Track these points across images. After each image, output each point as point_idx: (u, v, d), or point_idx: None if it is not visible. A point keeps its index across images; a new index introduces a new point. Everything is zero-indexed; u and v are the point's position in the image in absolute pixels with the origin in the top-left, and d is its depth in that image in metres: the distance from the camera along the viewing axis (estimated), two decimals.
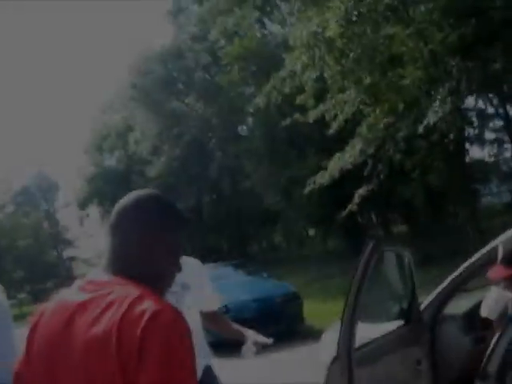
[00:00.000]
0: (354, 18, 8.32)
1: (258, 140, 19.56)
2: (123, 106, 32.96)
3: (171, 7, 25.79)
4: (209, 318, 2.88)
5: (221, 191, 29.43)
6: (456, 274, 2.75)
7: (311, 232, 29.46)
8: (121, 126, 34.92)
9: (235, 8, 14.21)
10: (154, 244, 1.45)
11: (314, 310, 10.80)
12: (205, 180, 27.88)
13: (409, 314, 2.81)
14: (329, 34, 8.53)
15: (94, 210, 43.27)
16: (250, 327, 8.41)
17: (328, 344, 3.93)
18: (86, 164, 39.40)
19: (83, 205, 39.48)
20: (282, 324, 9.18)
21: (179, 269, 1.53)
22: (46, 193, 69.05)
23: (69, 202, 53.59)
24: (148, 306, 1.24)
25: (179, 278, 2.30)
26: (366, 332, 3.18)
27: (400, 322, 2.83)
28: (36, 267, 41.63)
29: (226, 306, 9.17)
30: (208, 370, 2.61)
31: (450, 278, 2.82)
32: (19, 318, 28.83)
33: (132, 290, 1.30)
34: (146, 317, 1.21)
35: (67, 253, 73.42)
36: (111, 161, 39.08)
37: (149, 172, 28.60)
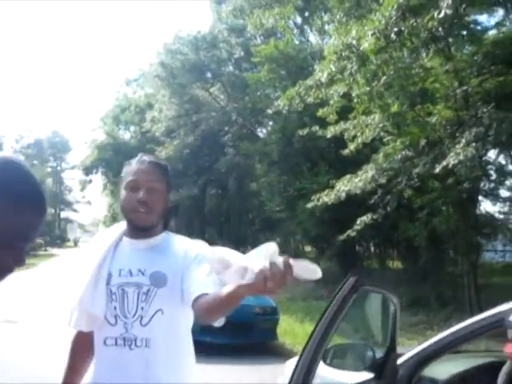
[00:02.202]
0: (393, 36, 7.96)
1: (273, 144, 19.26)
2: (148, 83, 32.82)
3: None
4: (201, 305, 1.81)
5: (226, 188, 29.19)
6: (447, 333, 2.39)
7: (307, 248, 29.13)
8: (142, 101, 34.81)
9: (274, 4, 13.88)
10: None
11: (290, 328, 10.49)
12: (212, 173, 27.65)
13: (382, 366, 2.45)
14: (363, 46, 8.18)
15: (97, 178, 43.15)
16: (220, 333, 8.02)
17: (289, 373, 3.56)
18: (100, 132, 39.32)
19: (88, 171, 39.32)
20: (254, 336, 8.87)
21: (16, 263, 1.14)
22: (57, 151, 69.48)
23: (76, 165, 53.67)
24: None
25: (150, 264, 1.93)
26: (329, 375, 2.83)
27: (369, 375, 2.45)
28: None
29: None
30: None
31: (439, 336, 2.46)
32: None
33: None
34: None
35: (64, 214, 73.89)
36: (125, 134, 38.99)
37: (159, 153, 28.37)
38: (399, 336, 2.69)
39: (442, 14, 7.03)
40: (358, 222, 12.15)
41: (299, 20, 19.69)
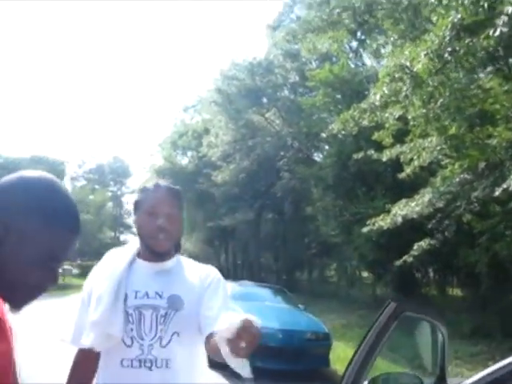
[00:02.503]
0: (448, 57, 7.77)
1: (328, 168, 19.14)
2: (205, 109, 33.45)
3: (272, 22, 25.97)
4: (209, 347, 1.89)
5: (282, 212, 29.19)
6: (507, 361, 2.23)
7: (364, 274, 28.64)
8: (199, 127, 35.47)
9: (328, 28, 13.90)
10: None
11: (344, 355, 10.24)
12: (268, 197, 27.72)
13: None
14: (416, 67, 8.02)
15: None
16: (271, 358, 7.87)
17: None
18: (158, 157, 40.24)
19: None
20: (306, 362, 8.69)
21: (50, 280, 1.17)
22: (118, 176, 71.46)
23: (135, 189, 54.96)
24: None
25: (167, 287, 1.96)
26: None
27: None
28: (91, 243, 42.65)
29: None
30: None
31: (499, 365, 2.30)
32: (60, 287, 29.39)
33: None
34: None
35: (124, 237, 75.63)
36: (182, 159, 39.73)
37: (216, 177, 28.73)
38: (458, 366, 2.55)
39: (497, 33, 6.83)
40: (415, 248, 11.83)
41: (355, 43, 19.69)
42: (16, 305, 1.18)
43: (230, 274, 38.29)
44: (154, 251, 2.02)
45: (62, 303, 19.43)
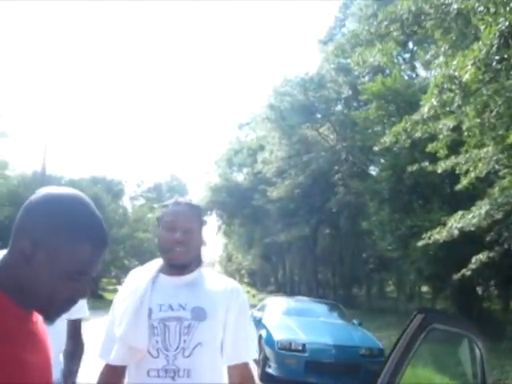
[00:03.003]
0: (497, 65, 7.54)
1: (383, 182, 18.87)
2: (260, 126, 33.68)
3: (323, 36, 25.98)
4: (230, 370, 2.14)
5: (338, 227, 28.93)
6: None
7: (424, 288, 27.95)
8: (254, 144, 35.72)
9: (376, 41, 13.75)
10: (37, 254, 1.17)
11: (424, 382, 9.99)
12: (324, 212, 27.55)
13: None
14: (465, 77, 7.83)
15: (212, 219, 44.52)
16: (326, 374, 7.77)
17: None
18: (214, 174, 40.70)
19: (203, 212, 40.68)
20: (360, 378, 8.54)
21: (80, 293, 1.22)
22: (175, 194, 72.58)
23: None
24: None
25: (190, 299, 2.04)
26: None
27: None
28: (149, 261, 43.34)
29: (304, 344, 8.76)
30: None
31: None
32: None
33: None
34: None
35: None
36: (238, 176, 40.03)
37: (271, 193, 28.82)
38: None
39: None
40: (473, 261, 11.49)
41: (407, 54, 19.43)
42: (49, 317, 1.24)
43: (287, 289, 38.12)
44: (172, 264, 2.10)
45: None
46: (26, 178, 29.58)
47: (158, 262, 2.21)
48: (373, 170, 24.76)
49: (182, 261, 2.08)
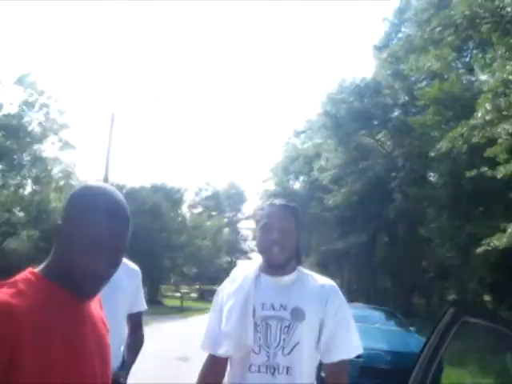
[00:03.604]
0: None
1: (442, 188, 18.54)
2: (315, 133, 33.64)
3: (378, 42, 25.80)
4: (327, 369, 2.24)
5: (396, 234, 28.52)
6: None
7: (487, 297, 27.18)
8: (310, 151, 35.68)
9: (430, 47, 13.58)
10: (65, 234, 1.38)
11: (459, 382, 9.85)
12: (381, 220, 27.23)
13: None
14: None
15: None
16: (379, 378, 7.75)
17: None
18: (271, 182, 40.87)
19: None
20: None
21: (103, 268, 1.38)
22: (233, 202, 73.30)
23: (250, 214, 56.01)
24: None
25: (290, 300, 2.18)
26: None
27: None
28: (208, 268, 43.96)
29: None
30: None
31: None
32: (180, 311, 30.29)
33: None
34: None
35: (240, 262, 77.05)
36: (294, 184, 40.04)
37: (328, 201, 28.72)
38: None
39: None
40: None
41: (466, 58, 19.06)
42: (83, 293, 1.40)
43: (345, 298, 37.71)
44: (271, 264, 2.22)
45: (182, 325, 20.30)
46: None
47: (259, 260, 2.32)
48: (431, 177, 24.34)
49: (279, 260, 2.19)
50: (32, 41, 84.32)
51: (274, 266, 2.21)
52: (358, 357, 7.97)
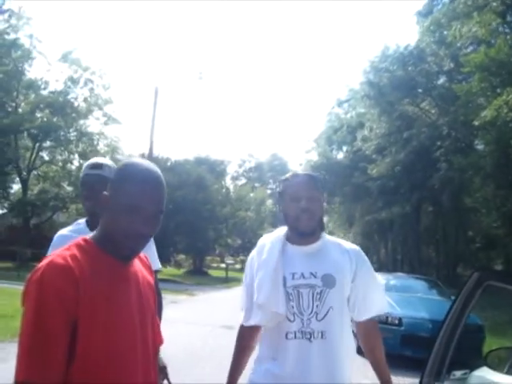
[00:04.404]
0: None
1: (487, 157, 18.17)
2: (358, 103, 33.23)
3: (422, 8, 25.13)
4: (360, 328, 2.37)
5: (441, 204, 28.13)
6: None
7: None
8: (353, 121, 35.33)
9: (474, 13, 13.16)
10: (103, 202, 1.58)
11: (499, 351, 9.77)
12: (425, 190, 26.90)
13: None
14: None
15: None
16: (421, 348, 7.80)
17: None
18: (314, 153, 40.69)
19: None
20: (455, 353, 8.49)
21: (138, 228, 1.54)
22: (276, 173, 73.39)
23: None
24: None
25: (319, 267, 2.25)
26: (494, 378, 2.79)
27: None
28: (252, 239, 44.38)
29: (400, 318, 8.85)
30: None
31: None
32: (224, 281, 30.86)
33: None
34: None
35: None
36: (338, 154, 39.78)
37: (371, 171, 28.51)
38: None
39: None
40: None
41: None
42: (126, 253, 1.58)
43: (389, 268, 37.70)
44: (301, 232, 2.28)
45: (226, 295, 20.73)
46: None
47: (283, 231, 2.39)
48: (477, 145, 23.82)
49: (308, 228, 2.26)
50: (75, 16, 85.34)
51: (304, 234, 2.26)
52: (400, 325, 8.02)
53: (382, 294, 2.39)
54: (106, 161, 2.69)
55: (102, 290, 1.48)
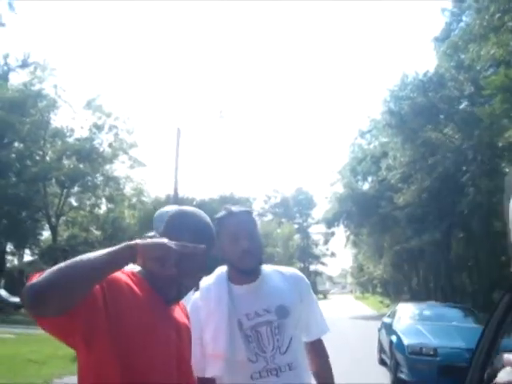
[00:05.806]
0: None
1: None
2: (381, 132, 33.19)
3: (439, 34, 25.17)
4: (310, 348, 2.34)
5: (471, 229, 27.64)
6: None
7: None
8: (377, 151, 35.22)
9: (490, 34, 13.11)
10: None
11: None
12: (454, 216, 26.50)
13: None
14: None
15: (340, 231, 44.27)
16: (460, 377, 7.60)
17: None
18: (339, 185, 40.58)
19: (330, 224, 40.69)
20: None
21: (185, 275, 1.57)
22: (302, 207, 73.26)
23: (320, 219, 55.72)
24: None
25: (269, 302, 2.20)
26: None
27: None
28: None
29: (435, 349, 8.60)
30: None
31: None
32: None
33: None
34: None
35: (313, 267, 76.85)
36: (363, 185, 39.61)
37: (397, 199, 28.27)
38: None
39: None
40: None
41: None
42: (168, 298, 1.63)
43: (422, 297, 36.97)
44: (244, 271, 2.19)
45: None
46: (161, 202, 31.41)
47: (221, 273, 2.29)
48: (504, 168, 23.43)
49: (252, 266, 2.19)
50: (97, 63, 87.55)
51: (248, 273, 2.19)
52: (435, 356, 7.76)
53: (322, 316, 2.38)
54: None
55: (140, 316, 1.51)
